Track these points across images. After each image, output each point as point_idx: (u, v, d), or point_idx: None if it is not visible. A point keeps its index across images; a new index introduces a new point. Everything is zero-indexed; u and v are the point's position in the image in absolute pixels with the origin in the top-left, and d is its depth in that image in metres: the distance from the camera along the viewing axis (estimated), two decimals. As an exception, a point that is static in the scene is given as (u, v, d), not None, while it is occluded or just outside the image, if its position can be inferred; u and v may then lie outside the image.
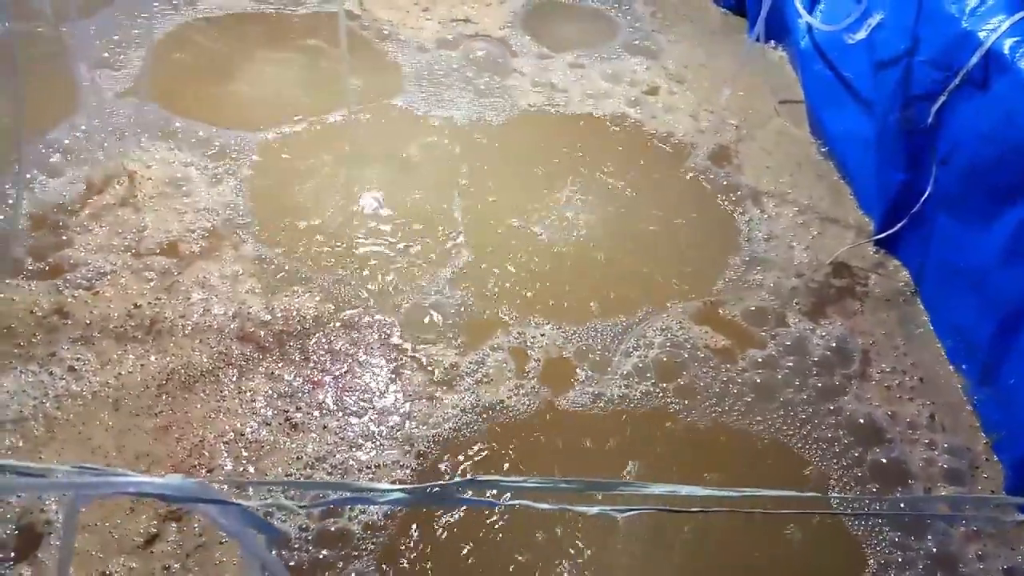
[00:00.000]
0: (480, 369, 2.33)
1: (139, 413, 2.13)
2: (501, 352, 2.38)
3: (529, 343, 2.41)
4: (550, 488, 1.03)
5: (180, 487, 0.92)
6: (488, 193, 2.87)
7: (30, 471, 0.90)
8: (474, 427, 2.20)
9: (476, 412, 2.23)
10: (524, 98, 3.26)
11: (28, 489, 1.40)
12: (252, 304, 2.40)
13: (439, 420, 2.20)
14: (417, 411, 2.22)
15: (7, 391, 2.13)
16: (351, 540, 1.94)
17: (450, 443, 2.16)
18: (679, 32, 3.72)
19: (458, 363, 2.34)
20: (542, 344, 2.41)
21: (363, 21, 3.53)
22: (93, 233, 2.53)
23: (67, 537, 1.27)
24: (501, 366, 2.34)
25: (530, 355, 2.38)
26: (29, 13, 2.88)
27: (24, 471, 0.90)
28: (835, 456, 2.23)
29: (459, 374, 2.31)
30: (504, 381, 2.31)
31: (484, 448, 2.16)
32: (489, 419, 2.22)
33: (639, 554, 1.99)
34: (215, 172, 2.79)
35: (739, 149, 3.16)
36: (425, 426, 2.19)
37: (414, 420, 2.20)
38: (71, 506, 0.99)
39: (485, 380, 2.30)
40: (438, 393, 2.27)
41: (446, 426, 2.20)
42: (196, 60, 3.24)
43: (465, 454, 2.15)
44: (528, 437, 2.20)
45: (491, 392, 2.28)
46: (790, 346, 2.48)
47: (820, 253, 2.79)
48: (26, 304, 2.32)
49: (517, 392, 2.28)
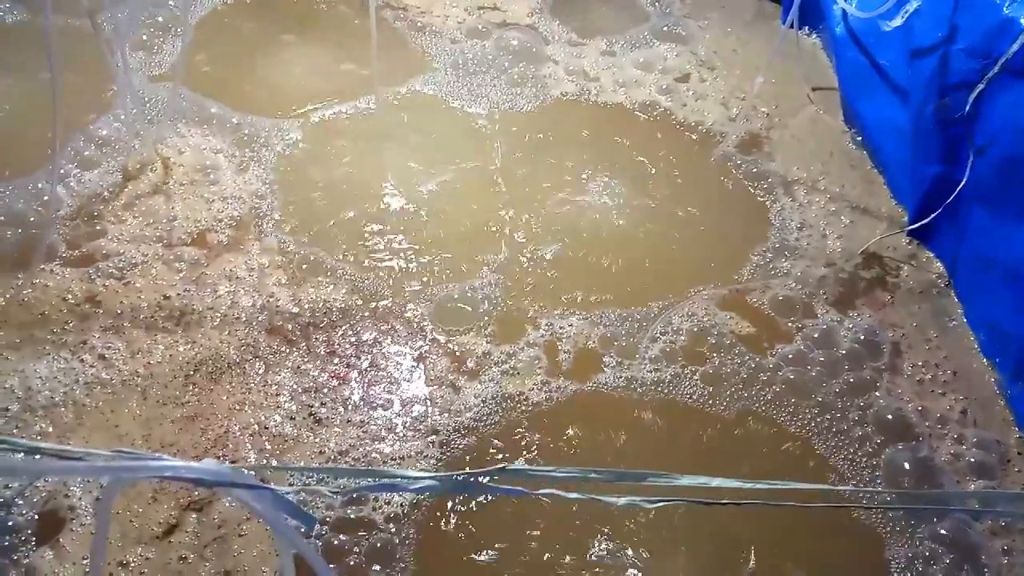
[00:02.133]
0: (510, 359, 2.33)
1: (166, 403, 2.17)
2: (532, 340, 2.38)
3: (558, 331, 2.41)
4: (579, 478, 1.04)
5: (215, 472, 0.94)
6: (519, 181, 2.86)
7: (70, 454, 0.92)
8: (502, 415, 2.21)
9: (504, 401, 2.23)
10: (556, 86, 3.24)
11: (67, 472, 1.44)
12: (279, 296, 2.43)
13: (461, 409, 2.22)
14: (442, 401, 2.23)
15: (39, 377, 2.18)
16: (374, 527, 1.96)
17: (475, 432, 2.18)
18: (711, 18, 3.65)
19: (490, 352, 2.35)
20: (571, 332, 2.41)
21: (391, 7, 3.53)
22: (126, 223, 2.57)
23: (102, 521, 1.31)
24: (531, 354, 2.35)
25: (559, 343, 2.38)
26: (66, 4, 2.92)
27: (64, 454, 0.92)
28: (862, 449, 2.21)
29: (490, 363, 2.32)
30: (533, 369, 2.31)
31: (511, 436, 2.18)
32: (517, 407, 2.23)
33: (664, 545, 1.99)
34: (243, 159, 2.81)
35: (771, 137, 3.11)
36: (447, 414, 2.21)
37: (440, 411, 2.21)
38: (108, 490, 1.01)
39: (512, 371, 2.31)
40: (465, 383, 2.28)
41: (468, 415, 2.21)
42: (227, 45, 3.26)
43: (492, 443, 2.16)
44: (554, 425, 2.21)
45: (519, 381, 2.28)
46: (818, 337, 2.45)
47: (852, 243, 2.74)
48: (59, 291, 2.37)
49: (546, 380, 2.29)
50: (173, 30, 3.27)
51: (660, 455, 2.18)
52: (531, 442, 2.17)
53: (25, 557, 1.85)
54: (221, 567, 1.88)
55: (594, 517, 2.02)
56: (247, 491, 0.95)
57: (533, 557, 1.96)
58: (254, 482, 0.96)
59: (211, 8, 3.42)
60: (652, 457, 2.17)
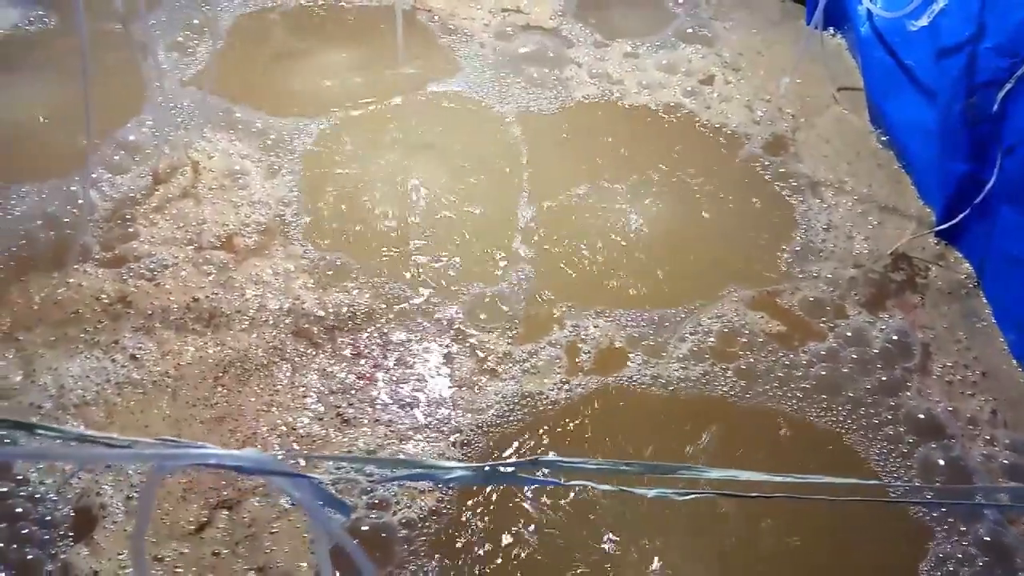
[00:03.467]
0: (532, 358, 2.34)
1: (195, 404, 2.20)
2: (556, 340, 2.39)
3: (584, 331, 2.41)
4: (610, 470, 1.04)
5: (257, 460, 0.96)
6: (544, 183, 2.87)
7: (117, 442, 0.94)
8: (526, 413, 2.22)
9: (525, 399, 2.24)
10: (580, 88, 3.25)
11: (115, 459, 1.46)
12: (305, 299, 2.45)
13: (485, 406, 2.23)
14: (464, 401, 2.24)
15: (72, 375, 2.21)
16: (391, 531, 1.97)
17: (500, 428, 2.19)
18: (735, 19, 3.65)
19: (511, 352, 2.36)
20: (597, 332, 2.41)
21: (416, 11, 3.55)
22: (158, 226, 2.60)
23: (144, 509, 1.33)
24: (552, 353, 2.36)
25: (585, 341, 2.39)
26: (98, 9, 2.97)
27: (111, 442, 0.94)
28: (893, 449, 2.19)
29: (512, 363, 2.33)
30: (557, 368, 2.32)
31: (538, 430, 2.19)
32: (538, 405, 2.24)
33: (692, 538, 1.99)
34: (271, 164, 2.84)
35: (796, 138, 3.10)
36: (470, 413, 2.22)
37: (465, 411, 2.22)
38: (152, 477, 1.03)
39: (533, 370, 2.32)
40: (489, 382, 2.29)
41: (490, 412, 2.22)
42: (257, 50, 3.30)
43: (518, 439, 2.17)
44: (581, 420, 2.22)
45: (539, 380, 2.29)
46: (850, 337, 2.44)
47: (880, 243, 2.73)
48: (93, 291, 2.41)
49: (571, 379, 2.30)
50: (206, 33, 3.32)
51: (685, 451, 2.18)
52: (564, 439, 2.18)
53: (62, 553, 1.88)
54: (254, 563, 1.90)
55: (615, 521, 2.02)
56: (286, 479, 0.97)
57: (551, 563, 1.96)
58: (293, 470, 0.98)
59: (242, 13, 3.46)
60: (677, 453, 2.17)
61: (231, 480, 2.04)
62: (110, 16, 2.87)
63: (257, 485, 2.03)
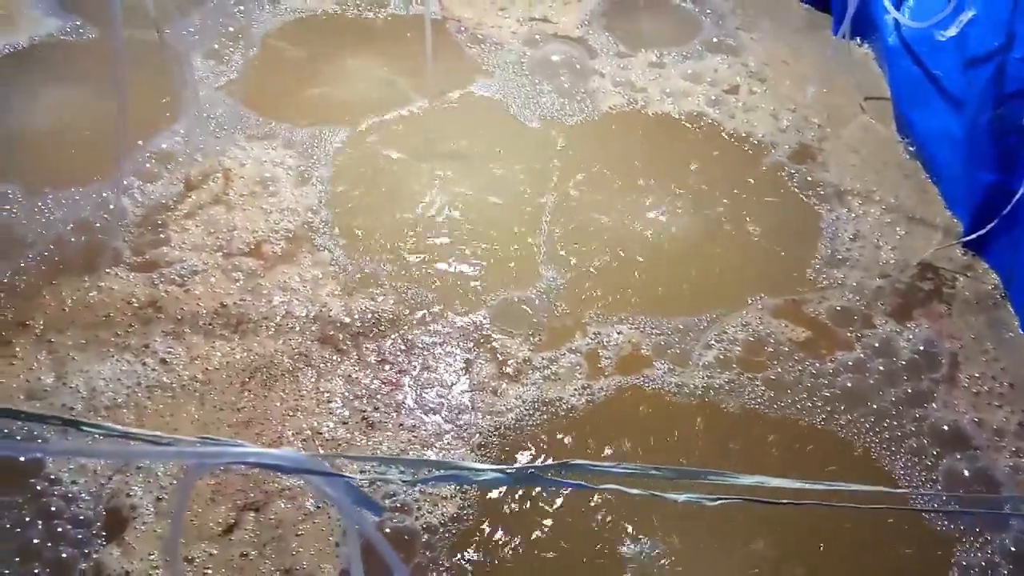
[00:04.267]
0: (553, 364, 2.36)
1: (223, 408, 2.23)
2: (578, 347, 2.41)
3: (607, 337, 2.42)
4: (640, 474, 1.05)
5: (294, 459, 0.98)
6: (569, 192, 2.88)
7: (160, 440, 0.97)
8: (547, 418, 2.23)
9: (551, 403, 2.26)
10: (604, 97, 3.26)
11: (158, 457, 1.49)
12: (331, 306, 2.47)
13: (505, 409, 2.25)
14: (488, 404, 2.26)
15: (103, 378, 2.25)
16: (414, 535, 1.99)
17: (524, 433, 2.20)
18: (761, 29, 3.65)
19: (531, 358, 2.37)
20: (621, 337, 2.42)
21: (443, 20, 3.58)
22: (189, 232, 2.64)
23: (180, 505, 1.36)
24: (572, 360, 2.37)
25: (607, 347, 2.40)
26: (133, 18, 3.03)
27: (154, 440, 0.97)
28: (918, 462, 2.18)
29: (532, 368, 2.35)
30: (578, 373, 2.34)
31: (562, 435, 2.20)
32: (564, 409, 2.25)
33: (716, 545, 1.99)
34: (301, 171, 2.87)
35: (823, 147, 3.09)
36: (489, 415, 2.23)
37: (485, 413, 2.24)
38: (191, 474, 1.06)
39: (554, 377, 2.33)
40: (513, 387, 2.30)
41: (511, 415, 2.24)
42: (289, 57, 3.35)
43: (541, 444, 2.18)
44: (604, 425, 2.23)
45: (560, 386, 2.30)
46: (877, 348, 2.43)
47: (906, 253, 2.72)
48: (124, 295, 2.45)
49: (595, 381, 2.31)
50: (241, 40, 3.37)
51: (708, 458, 2.18)
52: (589, 443, 2.18)
53: (95, 552, 1.92)
54: (281, 564, 1.92)
55: (637, 527, 2.02)
56: (321, 478, 0.99)
57: (571, 569, 1.97)
58: (329, 470, 1.00)
59: (275, 23, 3.51)
60: (697, 461, 2.17)
61: (258, 482, 2.07)
62: (146, 25, 2.92)
63: (283, 487, 2.06)
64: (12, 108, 2.99)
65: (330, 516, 2.01)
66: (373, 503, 1.06)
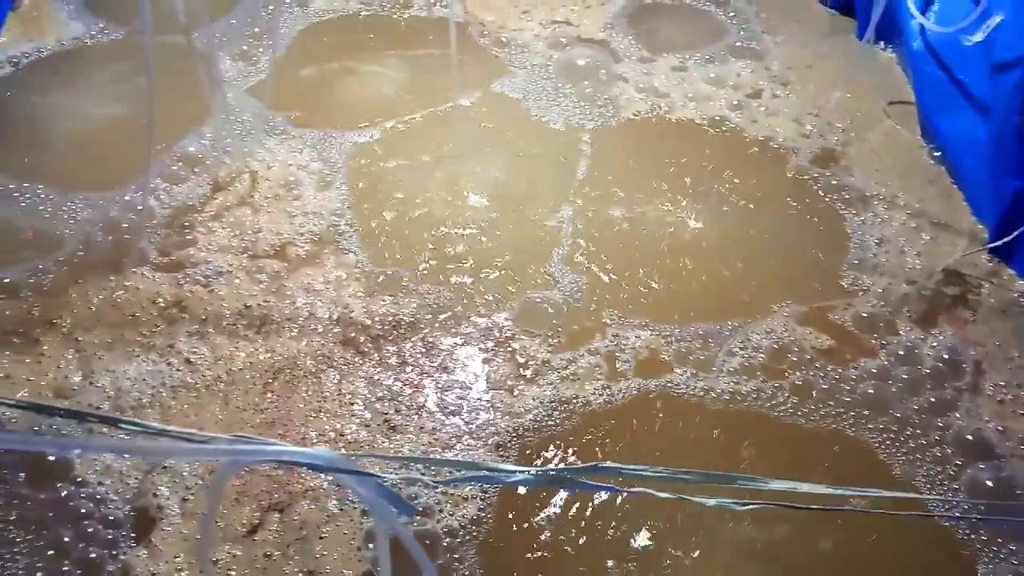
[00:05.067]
0: (572, 365, 2.36)
1: (247, 408, 2.24)
2: (599, 350, 2.41)
3: (625, 340, 2.42)
4: (669, 478, 1.05)
5: (327, 458, 0.99)
6: (593, 195, 2.89)
7: (193, 437, 0.98)
8: (568, 421, 2.23)
9: (563, 404, 2.26)
10: (627, 101, 3.26)
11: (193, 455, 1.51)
12: (354, 308, 2.49)
13: (523, 410, 2.26)
14: (507, 404, 2.27)
15: (129, 378, 2.27)
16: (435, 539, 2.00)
17: (544, 436, 2.21)
18: (785, 33, 3.63)
19: (550, 359, 2.38)
20: (640, 342, 2.42)
21: (466, 23, 3.59)
22: (215, 234, 2.67)
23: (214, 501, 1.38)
24: (592, 361, 2.37)
25: (624, 351, 2.39)
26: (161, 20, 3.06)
27: (188, 437, 0.98)
28: (941, 468, 2.17)
29: (550, 369, 2.35)
30: (597, 374, 2.34)
31: (587, 438, 2.21)
32: (584, 408, 2.26)
33: (741, 548, 1.99)
34: (325, 174, 2.89)
35: (847, 152, 3.08)
36: (507, 415, 2.24)
37: (503, 413, 2.25)
38: (225, 471, 1.07)
39: (573, 377, 2.34)
40: (533, 389, 2.31)
41: (528, 416, 2.25)
42: (314, 60, 3.37)
43: (562, 445, 2.19)
44: (624, 427, 2.24)
45: (579, 385, 2.31)
46: (902, 356, 2.42)
47: (931, 260, 2.70)
48: (150, 295, 2.47)
49: (615, 382, 2.32)
50: (267, 43, 3.39)
51: (727, 462, 2.18)
52: (613, 445, 2.19)
53: (122, 553, 1.94)
54: (304, 566, 1.94)
55: (662, 528, 2.02)
56: (353, 477, 1.00)
57: (592, 571, 1.97)
58: (361, 469, 1.01)
59: (301, 26, 3.53)
60: (719, 465, 2.17)
61: (282, 483, 2.08)
62: (173, 27, 2.95)
63: (307, 488, 2.07)
64: (41, 110, 3.03)
65: (352, 519, 2.02)
66: (405, 503, 1.07)
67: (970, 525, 2.05)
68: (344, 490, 2.07)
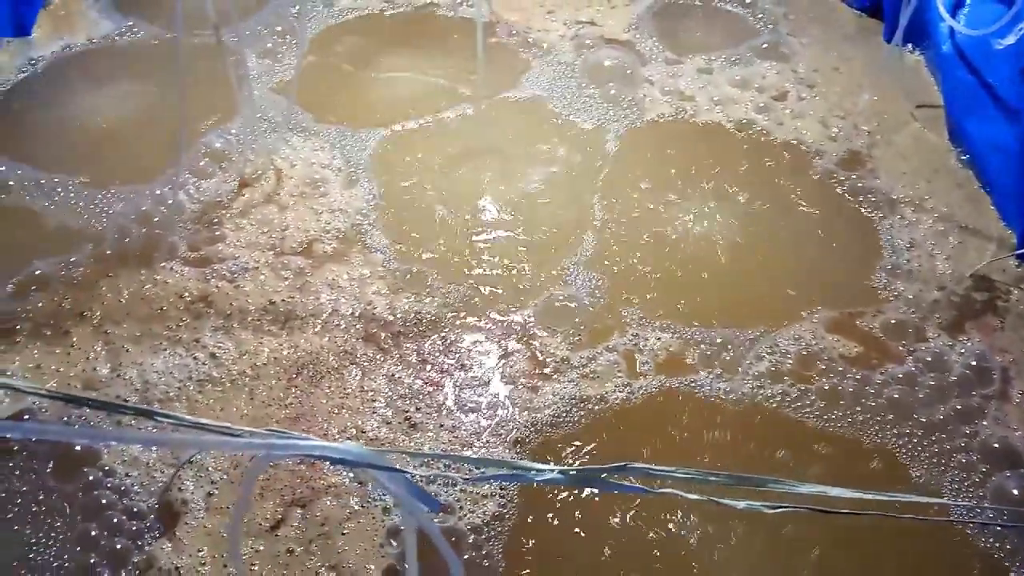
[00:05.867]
0: (590, 364, 2.37)
1: (271, 404, 2.26)
2: (614, 344, 2.42)
3: (651, 344, 2.42)
4: (699, 479, 1.06)
5: (358, 453, 1.01)
6: (617, 196, 2.88)
7: (231, 431, 1.00)
8: (587, 420, 2.24)
9: (582, 403, 2.27)
10: (652, 103, 3.25)
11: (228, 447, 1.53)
12: (377, 305, 2.50)
13: (540, 405, 2.27)
14: (524, 400, 2.28)
15: (156, 371, 2.30)
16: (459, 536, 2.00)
17: (563, 437, 2.21)
18: (810, 35, 3.61)
19: (569, 357, 2.38)
20: (660, 343, 2.42)
21: (491, 23, 3.59)
22: (243, 230, 2.69)
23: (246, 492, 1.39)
24: (610, 358, 2.38)
25: (648, 355, 2.40)
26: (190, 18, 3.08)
27: (225, 431, 1.00)
28: (967, 475, 2.16)
29: (569, 369, 2.36)
30: (617, 372, 2.35)
31: (608, 439, 2.21)
32: (604, 408, 2.26)
33: (765, 550, 1.98)
34: (350, 172, 2.91)
35: (873, 155, 3.06)
36: (526, 411, 2.25)
37: (522, 409, 2.26)
38: (258, 464, 1.08)
39: (592, 375, 2.34)
40: (555, 387, 2.31)
41: (547, 412, 2.25)
42: (340, 59, 3.39)
43: (581, 443, 2.20)
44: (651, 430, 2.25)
45: (599, 384, 2.31)
46: (930, 362, 2.40)
47: (960, 264, 2.67)
48: (178, 289, 2.50)
49: (635, 380, 2.32)
50: (294, 41, 3.42)
51: (752, 467, 2.17)
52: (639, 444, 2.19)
53: (147, 544, 1.96)
54: (326, 561, 1.95)
55: (686, 528, 2.02)
56: (383, 472, 1.01)
57: (614, 566, 1.97)
58: (391, 464, 1.02)
59: (328, 24, 3.55)
60: (743, 468, 2.16)
61: (305, 479, 2.10)
62: (200, 24, 2.98)
63: (329, 485, 2.09)
64: (73, 106, 3.07)
65: (374, 516, 2.03)
66: (431, 498, 1.07)
67: (994, 534, 2.03)
68: (365, 487, 2.09)
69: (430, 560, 1.19)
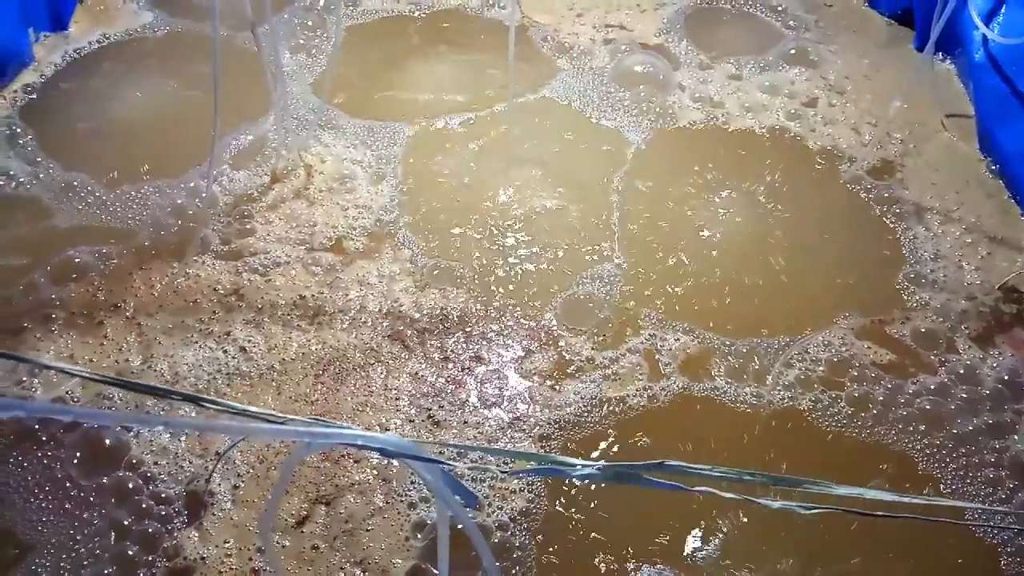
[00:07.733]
0: (614, 364, 2.38)
1: (297, 399, 2.28)
2: (635, 346, 2.43)
3: (673, 346, 2.43)
4: (735, 479, 1.06)
5: (397, 444, 1.02)
6: (645, 200, 2.89)
7: (274, 418, 1.02)
8: (610, 421, 2.25)
9: (604, 404, 2.28)
10: (681, 108, 3.24)
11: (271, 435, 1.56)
12: (404, 303, 2.52)
13: (562, 404, 2.29)
14: (546, 398, 2.30)
15: (187, 364, 2.33)
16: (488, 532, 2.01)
17: (588, 436, 2.22)
18: (841, 42, 3.59)
19: (594, 358, 2.40)
20: (688, 348, 2.43)
21: (521, 25, 3.60)
22: (273, 225, 2.71)
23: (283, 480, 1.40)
24: (633, 360, 2.39)
25: (668, 356, 2.41)
26: (226, 14, 3.10)
27: (265, 417, 1.02)
28: (993, 491, 2.15)
29: (592, 368, 2.37)
30: (639, 374, 2.36)
31: (631, 440, 2.22)
32: (627, 410, 2.28)
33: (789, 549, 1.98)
34: (379, 169, 2.93)
35: (904, 164, 3.04)
36: (547, 408, 2.26)
37: (543, 407, 2.28)
38: (297, 452, 1.10)
39: (614, 376, 2.35)
40: (577, 386, 2.32)
41: (568, 410, 2.28)
42: (370, 57, 3.40)
43: (606, 441, 2.21)
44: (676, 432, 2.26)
45: (621, 385, 2.33)
46: (962, 374, 2.39)
47: (989, 275, 2.66)
48: (210, 282, 2.53)
49: (656, 382, 2.34)
50: (325, 38, 3.45)
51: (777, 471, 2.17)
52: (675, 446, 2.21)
53: (177, 530, 1.99)
54: (351, 557, 1.97)
55: (715, 525, 2.02)
56: (421, 463, 1.02)
57: (641, 562, 1.97)
58: (430, 456, 1.03)
59: (359, 22, 3.57)
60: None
61: (329, 475, 2.11)
62: (232, 19, 3.01)
63: (353, 482, 2.10)
64: (109, 98, 3.10)
65: (399, 512, 2.05)
66: (469, 492, 1.09)
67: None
68: (390, 484, 2.10)
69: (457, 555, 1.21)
